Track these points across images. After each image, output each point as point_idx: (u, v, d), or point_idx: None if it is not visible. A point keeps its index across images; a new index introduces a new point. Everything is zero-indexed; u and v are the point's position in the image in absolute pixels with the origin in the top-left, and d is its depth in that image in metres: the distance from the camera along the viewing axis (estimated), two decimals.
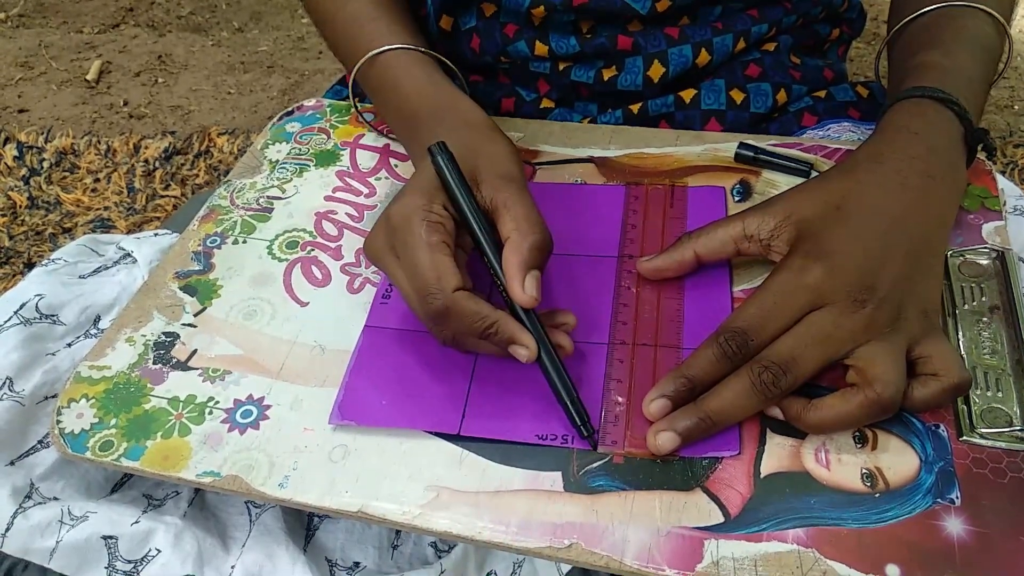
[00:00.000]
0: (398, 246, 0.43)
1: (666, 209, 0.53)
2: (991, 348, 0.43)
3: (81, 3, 1.97)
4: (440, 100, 0.53)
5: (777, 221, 0.44)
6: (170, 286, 0.51)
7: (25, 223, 1.32)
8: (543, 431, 0.42)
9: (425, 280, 0.41)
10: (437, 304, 0.41)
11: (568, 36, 0.59)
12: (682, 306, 0.47)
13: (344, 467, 0.41)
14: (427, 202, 0.43)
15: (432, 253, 0.42)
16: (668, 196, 0.54)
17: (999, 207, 0.50)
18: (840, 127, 0.61)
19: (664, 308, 0.47)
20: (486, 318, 0.41)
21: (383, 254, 0.45)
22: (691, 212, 0.53)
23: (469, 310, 0.41)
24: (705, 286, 0.48)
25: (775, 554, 0.36)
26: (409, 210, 0.43)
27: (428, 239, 0.42)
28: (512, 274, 0.42)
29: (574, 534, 0.38)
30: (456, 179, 0.44)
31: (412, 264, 0.42)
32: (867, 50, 1.70)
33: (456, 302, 0.41)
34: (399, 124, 0.56)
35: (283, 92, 1.66)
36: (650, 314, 0.47)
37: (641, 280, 0.49)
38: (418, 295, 0.42)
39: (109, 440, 0.43)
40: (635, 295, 0.48)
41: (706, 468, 0.40)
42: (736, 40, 0.60)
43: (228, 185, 0.59)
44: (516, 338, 0.42)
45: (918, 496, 0.38)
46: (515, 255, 0.42)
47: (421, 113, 0.53)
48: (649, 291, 0.48)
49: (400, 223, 0.43)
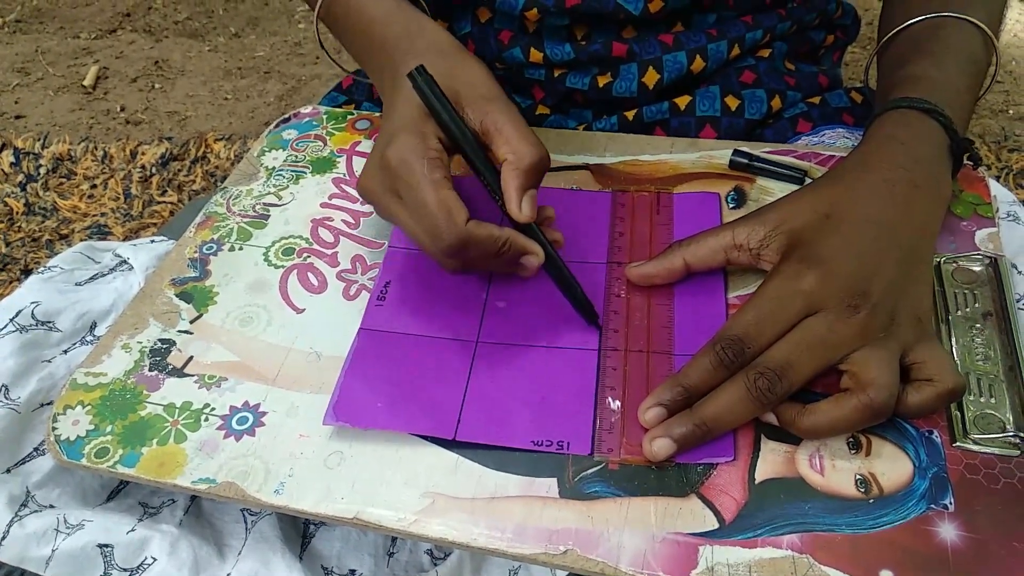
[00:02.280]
0: (401, 188, 0.44)
1: (652, 216, 0.53)
2: (984, 354, 0.43)
3: (78, 8, 1.97)
4: (408, 25, 0.53)
5: (767, 231, 0.45)
6: (166, 293, 0.52)
7: (22, 229, 1.32)
8: (539, 437, 0.42)
9: (435, 219, 0.43)
10: (452, 239, 0.43)
11: (563, 43, 0.60)
12: (673, 312, 0.47)
13: (340, 473, 0.41)
14: (421, 139, 0.44)
15: (437, 191, 0.43)
16: (654, 203, 0.54)
17: (992, 214, 0.50)
18: (835, 133, 0.61)
19: (655, 314, 0.47)
20: (498, 239, 0.44)
21: (383, 196, 0.46)
22: (679, 218, 0.53)
23: (483, 236, 0.43)
24: (698, 292, 0.48)
25: (770, 560, 0.37)
26: (406, 151, 0.44)
27: (431, 177, 0.43)
28: (512, 196, 0.44)
29: (569, 540, 0.38)
30: (444, 104, 0.45)
31: (419, 204, 0.43)
32: (863, 55, 1.71)
33: (470, 233, 0.43)
34: (366, 54, 0.56)
35: (280, 98, 1.66)
36: (641, 321, 0.47)
37: (631, 287, 0.49)
38: (430, 234, 0.43)
39: (105, 447, 0.43)
40: (625, 302, 0.48)
41: (701, 474, 0.40)
42: (731, 47, 0.60)
43: (224, 192, 0.59)
44: (526, 248, 0.45)
45: (912, 502, 0.38)
46: (514, 179, 0.44)
47: (388, 39, 0.53)
48: (640, 298, 0.48)
49: (400, 165, 0.44)
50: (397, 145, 0.45)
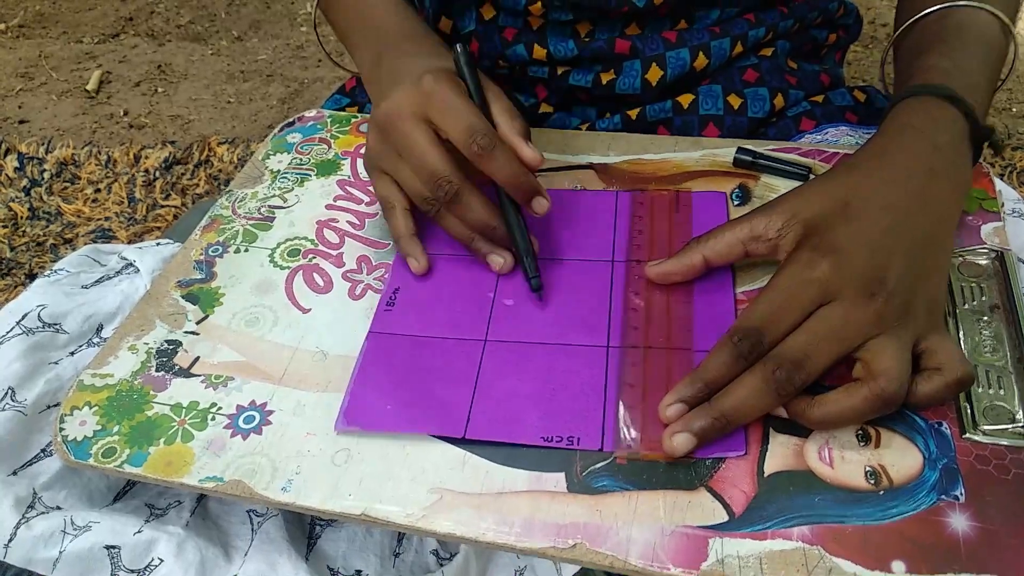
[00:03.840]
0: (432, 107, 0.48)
1: (671, 215, 0.53)
2: (992, 346, 0.43)
3: (81, 13, 1.97)
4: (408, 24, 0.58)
5: (784, 220, 0.44)
6: (172, 295, 0.52)
7: (26, 234, 1.33)
8: (549, 433, 0.42)
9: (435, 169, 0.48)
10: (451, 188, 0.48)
11: (566, 39, 0.60)
12: (692, 309, 0.47)
13: (347, 471, 0.41)
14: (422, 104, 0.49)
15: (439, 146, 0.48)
16: (673, 202, 0.54)
17: (997, 208, 0.50)
18: (838, 131, 0.61)
19: (674, 311, 0.47)
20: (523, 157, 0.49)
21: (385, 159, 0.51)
22: (695, 217, 0.53)
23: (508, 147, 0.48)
24: (709, 289, 0.48)
25: (780, 552, 0.37)
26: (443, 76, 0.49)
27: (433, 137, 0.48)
28: (518, 142, 0.49)
29: (578, 534, 0.38)
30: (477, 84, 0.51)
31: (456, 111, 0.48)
32: (864, 54, 1.71)
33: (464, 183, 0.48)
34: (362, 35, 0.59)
35: (282, 101, 1.66)
36: (660, 318, 0.47)
37: (649, 285, 0.49)
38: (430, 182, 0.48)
39: (112, 447, 0.43)
40: (644, 299, 0.48)
41: (710, 468, 0.40)
42: (733, 44, 0.60)
43: (230, 195, 0.59)
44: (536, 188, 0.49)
45: (922, 493, 0.38)
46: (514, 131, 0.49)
47: (389, 29, 0.57)
48: (658, 295, 0.48)
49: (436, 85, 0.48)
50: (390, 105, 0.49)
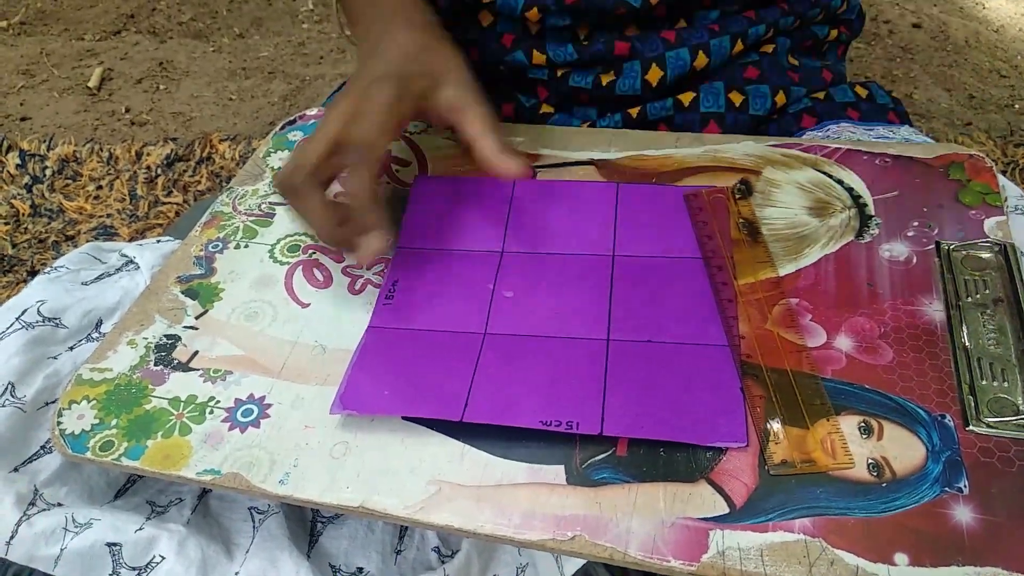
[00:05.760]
0: None
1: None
2: (996, 339, 0.43)
3: (82, 10, 1.97)
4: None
5: None
6: (172, 290, 0.52)
7: (28, 231, 1.33)
8: (547, 417, 0.42)
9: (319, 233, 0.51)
10: None
11: (565, 44, 0.59)
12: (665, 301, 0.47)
13: (345, 463, 0.41)
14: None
15: None
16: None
17: (1000, 203, 0.50)
18: (839, 127, 0.61)
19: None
20: None
21: None
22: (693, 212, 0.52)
23: None
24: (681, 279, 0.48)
25: (782, 544, 0.36)
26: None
27: None
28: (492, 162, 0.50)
29: (577, 526, 0.38)
30: None
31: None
32: (866, 50, 1.70)
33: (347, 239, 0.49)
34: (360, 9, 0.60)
35: (284, 98, 1.66)
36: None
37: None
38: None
39: (110, 440, 0.43)
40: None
41: (710, 460, 0.40)
42: (733, 42, 0.60)
43: (231, 192, 0.59)
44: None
45: (925, 485, 0.38)
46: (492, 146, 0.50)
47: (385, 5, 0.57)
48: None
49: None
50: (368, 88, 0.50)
